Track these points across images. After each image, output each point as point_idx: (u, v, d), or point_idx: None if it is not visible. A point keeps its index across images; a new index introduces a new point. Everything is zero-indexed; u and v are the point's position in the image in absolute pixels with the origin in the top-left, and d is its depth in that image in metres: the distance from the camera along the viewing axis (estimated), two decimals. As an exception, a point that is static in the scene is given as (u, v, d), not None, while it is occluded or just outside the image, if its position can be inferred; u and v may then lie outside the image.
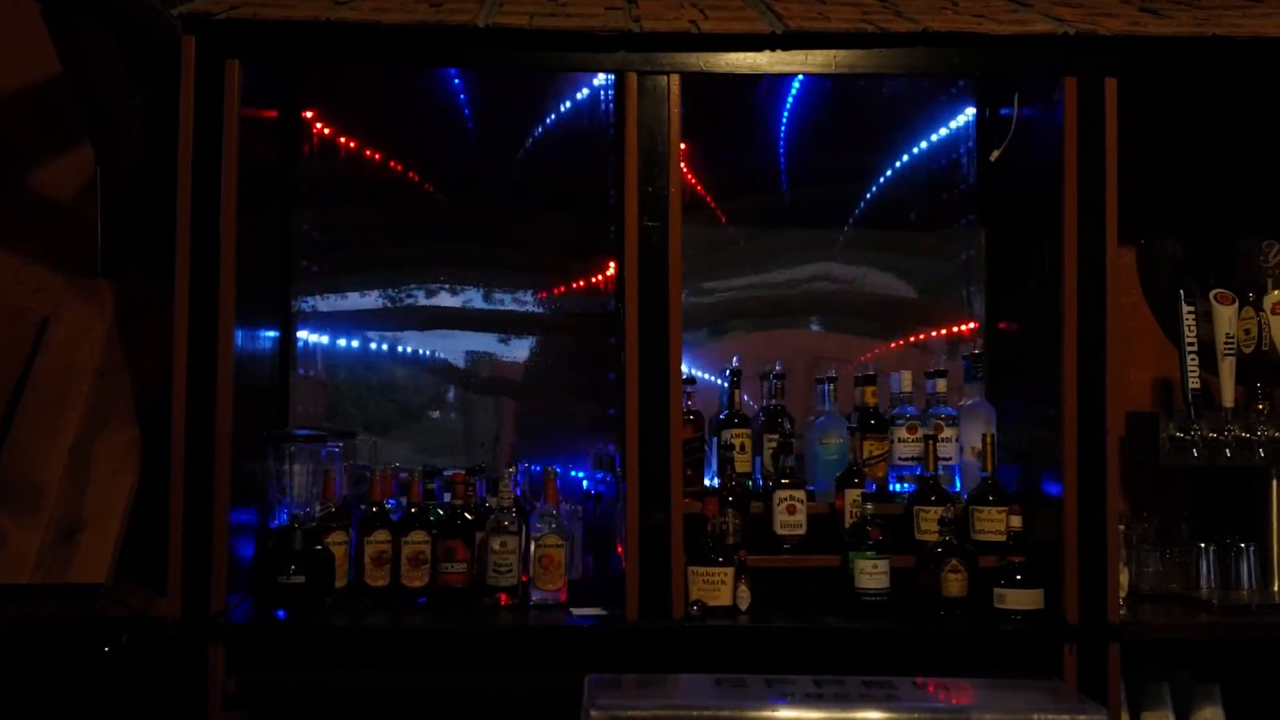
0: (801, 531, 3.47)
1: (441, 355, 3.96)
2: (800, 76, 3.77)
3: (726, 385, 3.66)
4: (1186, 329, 3.64)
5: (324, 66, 3.80)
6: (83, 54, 3.47)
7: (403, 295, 3.96)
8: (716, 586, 3.30)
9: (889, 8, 3.51)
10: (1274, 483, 3.62)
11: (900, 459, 3.65)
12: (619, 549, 3.38)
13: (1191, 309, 3.66)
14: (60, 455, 3.45)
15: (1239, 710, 3.44)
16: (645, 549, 3.23)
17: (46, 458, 3.44)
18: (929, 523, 3.45)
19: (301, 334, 3.85)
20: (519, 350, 3.98)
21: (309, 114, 3.86)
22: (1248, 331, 3.68)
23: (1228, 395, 3.62)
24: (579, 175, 3.92)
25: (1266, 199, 3.97)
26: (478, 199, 3.95)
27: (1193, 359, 3.63)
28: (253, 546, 3.37)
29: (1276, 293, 3.71)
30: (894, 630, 3.28)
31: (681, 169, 3.31)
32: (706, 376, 3.85)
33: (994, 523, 3.44)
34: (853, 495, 3.47)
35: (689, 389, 3.55)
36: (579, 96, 3.94)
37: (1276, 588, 3.59)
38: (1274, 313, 3.66)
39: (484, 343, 3.97)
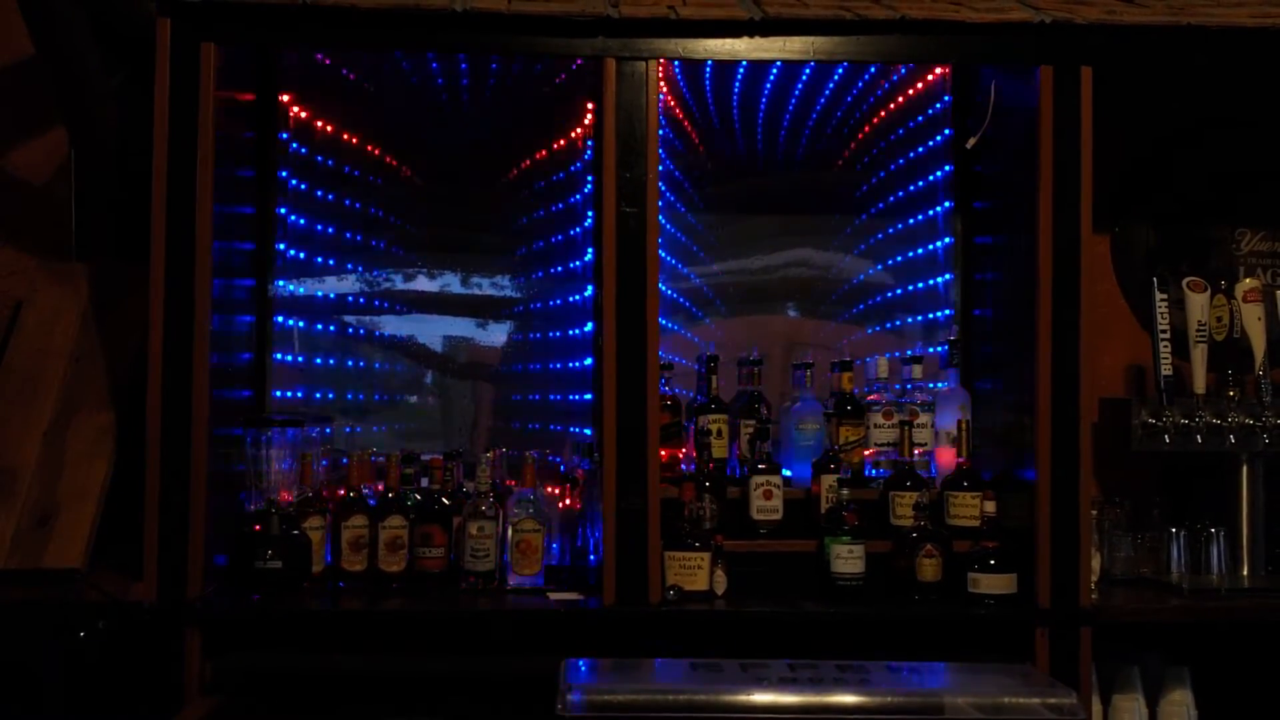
0: (778, 516, 3.49)
1: (419, 339, 3.95)
2: (777, 63, 3.78)
3: (703, 371, 3.67)
4: (1159, 316, 3.67)
5: (302, 49, 3.78)
6: (56, 35, 3.44)
7: (380, 279, 3.95)
8: (693, 571, 3.32)
9: (867, -6, 3.52)
10: (1244, 468, 3.66)
11: (876, 444, 3.66)
12: (596, 534, 3.39)
13: (1164, 296, 3.68)
14: (34, 440, 3.43)
15: (1208, 692, 3.48)
16: (622, 534, 3.24)
17: (20, 442, 3.42)
18: (904, 508, 3.47)
19: (279, 318, 3.83)
20: (496, 335, 3.98)
21: (286, 97, 3.83)
22: (1219, 319, 3.71)
23: (1199, 382, 3.65)
24: (558, 159, 3.92)
25: (1239, 188, 4.00)
26: (457, 183, 3.94)
27: (1165, 346, 3.66)
28: (230, 531, 3.36)
29: (1248, 280, 3.75)
30: (869, 614, 3.30)
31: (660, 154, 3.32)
32: (683, 361, 3.86)
33: (969, 508, 3.46)
34: (829, 480, 3.49)
35: (666, 374, 3.56)
36: (557, 80, 3.93)
37: (1246, 572, 3.63)
38: (1245, 300, 3.69)
39: (461, 327, 3.97)
